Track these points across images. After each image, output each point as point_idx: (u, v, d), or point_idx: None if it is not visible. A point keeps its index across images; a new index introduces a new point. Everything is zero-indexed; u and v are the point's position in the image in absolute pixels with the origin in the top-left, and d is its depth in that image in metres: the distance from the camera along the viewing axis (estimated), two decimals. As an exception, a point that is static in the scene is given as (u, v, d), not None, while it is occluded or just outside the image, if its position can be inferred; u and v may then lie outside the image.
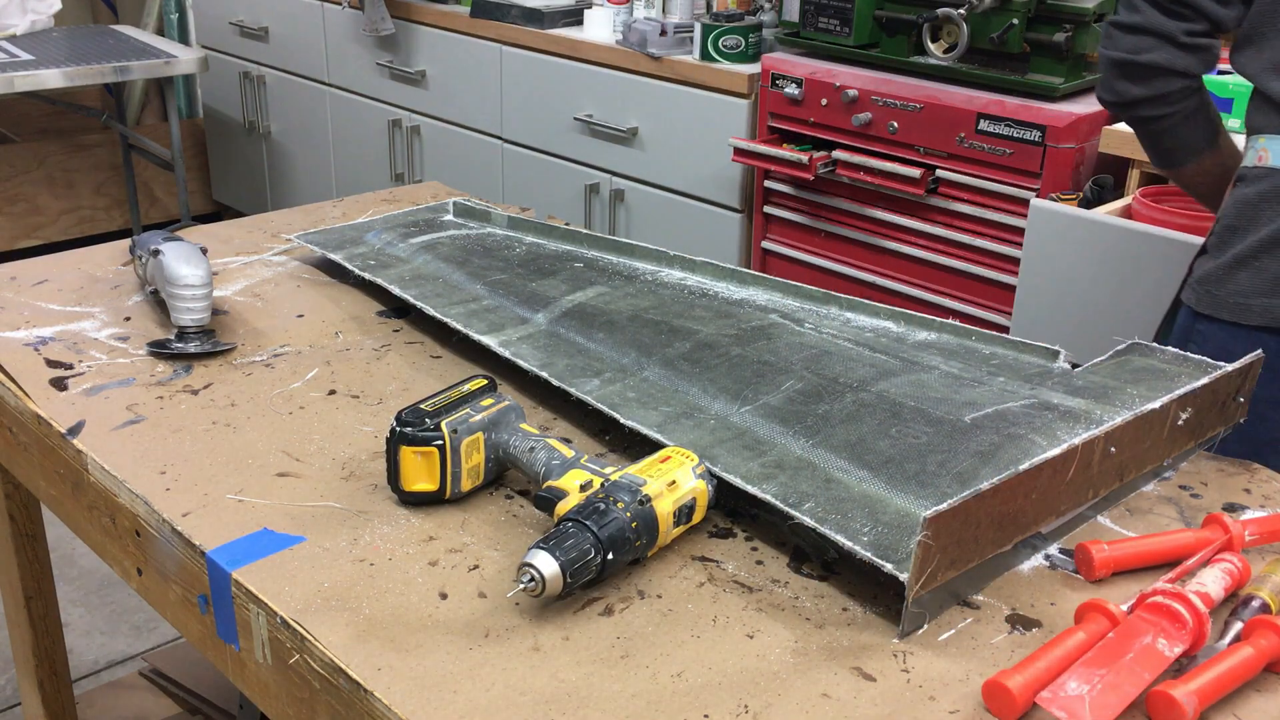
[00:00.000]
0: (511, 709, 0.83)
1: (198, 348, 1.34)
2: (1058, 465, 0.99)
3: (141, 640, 2.47)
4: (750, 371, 1.23)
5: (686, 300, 1.44)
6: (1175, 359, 1.26)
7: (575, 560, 0.91)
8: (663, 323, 1.35)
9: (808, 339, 1.32)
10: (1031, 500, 0.98)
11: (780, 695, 0.85)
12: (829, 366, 1.24)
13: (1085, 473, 1.03)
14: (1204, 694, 0.82)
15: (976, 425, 1.11)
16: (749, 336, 1.32)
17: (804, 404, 1.17)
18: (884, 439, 1.10)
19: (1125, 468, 1.08)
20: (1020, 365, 1.28)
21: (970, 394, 1.19)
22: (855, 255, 2.51)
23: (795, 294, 1.46)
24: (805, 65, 2.47)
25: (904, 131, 2.32)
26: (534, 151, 3.12)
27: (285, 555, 1.00)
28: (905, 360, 1.28)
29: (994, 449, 1.07)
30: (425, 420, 1.04)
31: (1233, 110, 2.03)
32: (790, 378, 1.22)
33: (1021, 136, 2.16)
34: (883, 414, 1.14)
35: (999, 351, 1.31)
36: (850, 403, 1.17)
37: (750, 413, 1.16)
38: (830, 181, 2.48)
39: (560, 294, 1.43)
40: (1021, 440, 1.08)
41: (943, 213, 2.33)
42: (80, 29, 3.99)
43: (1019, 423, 1.12)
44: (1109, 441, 1.03)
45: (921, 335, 1.36)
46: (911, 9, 2.36)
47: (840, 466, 1.07)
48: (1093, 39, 2.22)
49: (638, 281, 1.50)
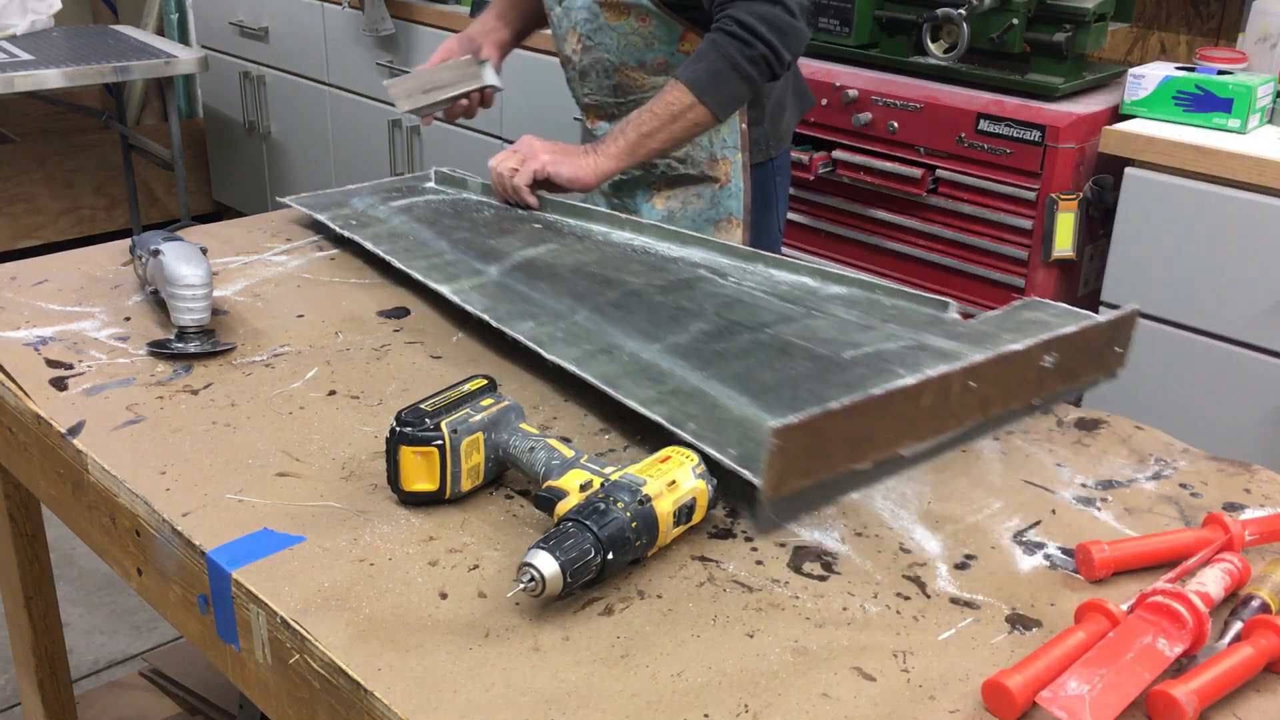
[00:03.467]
0: (511, 709, 0.83)
1: (198, 348, 1.34)
2: (911, 394, 1.09)
3: (141, 640, 2.47)
4: (666, 316, 1.37)
5: (627, 256, 1.58)
6: (1063, 313, 1.37)
7: (575, 560, 0.91)
8: (599, 275, 1.48)
9: (727, 290, 1.46)
10: (886, 424, 1.09)
11: (780, 695, 0.85)
12: (737, 312, 1.38)
13: (944, 403, 1.14)
14: (1204, 694, 0.82)
15: (853, 362, 1.24)
16: (673, 287, 1.45)
17: (705, 343, 1.30)
18: (768, 371, 1.23)
19: (989, 402, 1.19)
20: (914, 315, 1.40)
21: (857, 337, 1.31)
22: (855, 255, 2.51)
23: (728, 253, 1.60)
24: (805, 65, 2.47)
25: (904, 131, 2.32)
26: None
27: (285, 555, 1.00)
28: (809, 308, 1.41)
29: (861, 380, 1.18)
30: (425, 420, 1.04)
31: (1232, 110, 2.03)
32: (700, 321, 1.35)
33: (1021, 136, 2.16)
34: (772, 351, 1.28)
35: (899, 304, 1.44)
36: (747, 341, 1.30)
37: (659, 350, 1.29)
38: (830, 182, 2.48)
39: (514, 249, 1.57)
40: (889, 374, 1.19)
41: (943, 213, 2.33)
42: (80, 29, 3.99)
43: (892, 360, 1.24)
44: (966, 376, 1.14)
45: (833, 289, 1.49)
46: (911, 9, 2.36)
47: (726, 394, 1.19)
48: (1093, 39, 2.22)
49: (588, 240, 1.64)
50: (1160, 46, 2.59)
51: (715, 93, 1.64)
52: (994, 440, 1.22)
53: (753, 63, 1.62)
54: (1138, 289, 2.10)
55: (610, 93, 1.85)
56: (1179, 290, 2.05)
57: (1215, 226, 1.99)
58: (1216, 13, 2.49)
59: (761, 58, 1.62)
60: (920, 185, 2.31)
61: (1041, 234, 2.17)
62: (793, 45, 1.64)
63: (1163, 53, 2.58)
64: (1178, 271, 2.05)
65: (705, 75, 1.63)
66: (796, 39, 1.64)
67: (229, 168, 4.35)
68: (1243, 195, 1.96)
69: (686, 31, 1.75)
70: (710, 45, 1.64)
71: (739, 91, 1.66)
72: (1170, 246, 2.05)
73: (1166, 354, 2.09)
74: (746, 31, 1.61)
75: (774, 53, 1.62)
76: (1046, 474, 1.16)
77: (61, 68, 3.36)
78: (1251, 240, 1.95)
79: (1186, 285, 2.04)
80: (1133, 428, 1.26)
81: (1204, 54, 2.19)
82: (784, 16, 1.62)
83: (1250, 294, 1.97)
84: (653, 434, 1.15)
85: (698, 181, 1.85)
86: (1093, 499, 1.12)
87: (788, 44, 1.63)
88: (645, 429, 1.18)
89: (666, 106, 1.66)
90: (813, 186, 2.53)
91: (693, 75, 1.64)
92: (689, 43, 1.76)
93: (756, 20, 1.61)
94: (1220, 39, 2.49)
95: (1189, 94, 2.08)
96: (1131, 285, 2.11)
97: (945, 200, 2.31)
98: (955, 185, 2.29)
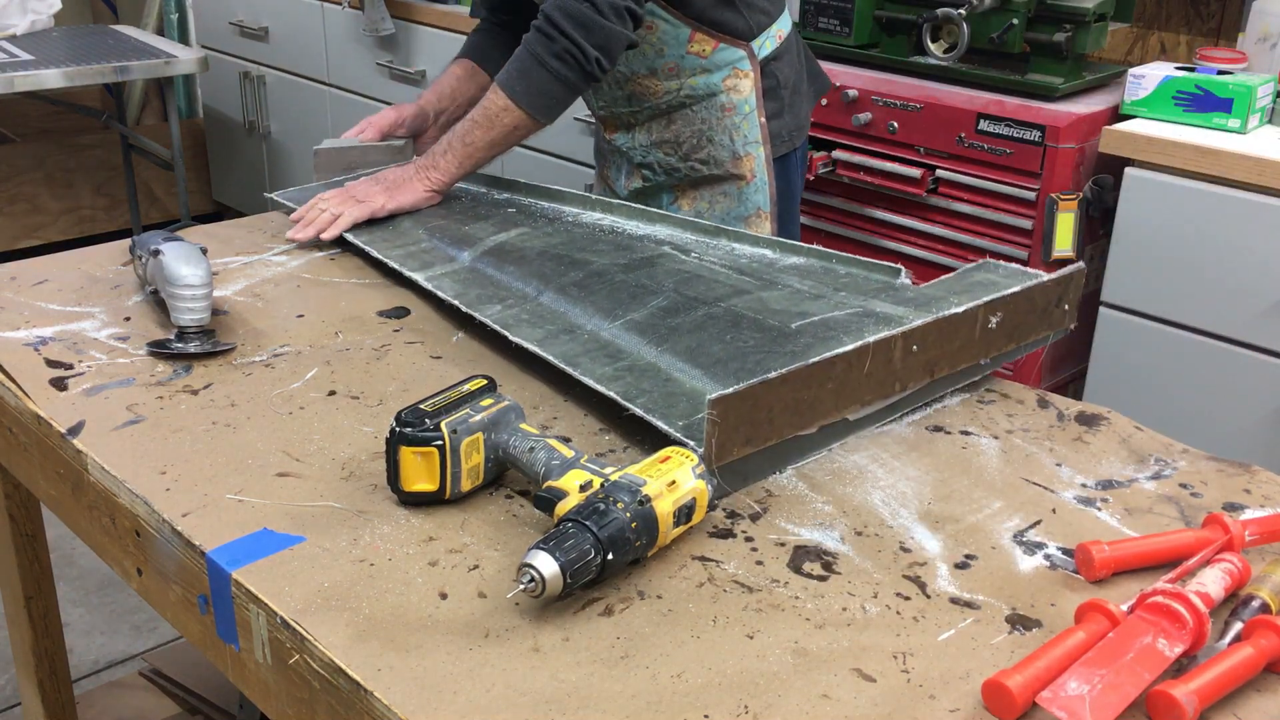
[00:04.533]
0: (511, 709, 0.83)
1: (198, 348, 1.34)
2: (851, 359, 1.13)
3: (141, 640, 2.47)
4: (626, 294, 1.40)
5: (595, 237, 1.62)
6: (1012, 273, 1.40)
7: (575, 560, 0.91)
8: (565, 256, 1.52)
9: (688, 266, 1.49)
10: (829, 390, 1.12)
11: (780, 695, 0.85)
12: (694, 287, 1.41)
13: (887, 367, 1.17)
14: (1204, 694, 0.82)
15: (800, 331, 1.27)
16: (635, 265, 1.49)
17: (661, 318, 1.34)
18: (718, 344, 1.26)
19: (935, 364, 1.22)
20: (866, 283, 1.43)
21: (807, 306, 1.34)
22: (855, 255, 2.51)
23: (692, 229, 1.64)
24: (805, 65, 2.47)
25: (904, 131, 2.32)
26: (535, 152, 3.12)
27: (285, 555, 1.00)
28: (764, 280, 1.44)
29: (806, 349, 1.21)
30: (425, 420, 1.04)
31: (1232, 110, 2.03)
32: (659, 297, 1.38)
33: (1021, 136, 2.16)
34: (724, 324, 1.31)
35: (853, 272, 1.47)
36: (700, 315, 1.33)
37: (618, 327, 1.33)
38: (830, 181, 2.48)
39: (487, 235, 1.61)
40: (834, 342, 1.22)
41: (943, 213, 2.33)
42: (80, 29, 3.99)
43: (837, 328, 1.27)
44: (909, 340, 1.17)
45: (790, 260, 1.53)
46: (911, 9, 2.36)
47: (679, 368, 1.23)
48: (1093, 39, 2.22)
49: (559, 223, 1.68)
50: (1160, 46, 2.59)
51: (527, 92, 1.62)
52: (994, 439, 1.22)
53: (558, 58, 1.60)
54: (1138, 289, 2.10)
55: (625, 103, 1.84)
56: (1179, 290, 2.05)
57: (1215, 226, 1.99)
58: (1216, 13, 2.49)
59: (566, 52, 1.59)
60: (920, 185, 2.31)
61: (1041, 234, 2.17)
62: (600, 43, 1.60)
63: (1163, 53, 2.58)
64: (1178, 271, 2.05)
65: (515, 74, 1.62)
66: (605, 37, 1.60)
67: (229, 168, 4.35)
68: (1243, 195, 1.96)
69: (694, 32, 1.75)
70: (522, 44, 1.63)
71: (551, 89, 1.62)
72: (1170, 246, 2.05)
73: (1166, 354, 2.09)
74: (550, 25, 1.59)
75: (579, 48, 1.59)
76: (1047, 474, 1.16)
77: (61, 68, 3.36)
78: (1251, 240, 1.95)
79: (1186, 285, 2.04)
80: (1133, 428, 1.26)
81: (1204, 54, 2.19)
82: (588, 13, 1.58)
83: (1250, 294, 1.97)
84: (653, 434, 1.15)
85: (723, 181, 1.84)
86: (1093, 499, 1.12)
87: (593, 40, 1.59)
88: (645, 429, 1.18)
89: (485, 112, 1.64)
90: (813, 186, 2.53)
91: (505, 76, 1.63)
92: (697, 43, 1.75)
93: (561, 15, 1.59)
94: (1220, 39, 2.49)
95: (1189, 94, 2.08)
96: (1131, 285, 2.11)
97: (945, 200, 2.31)
98: (955, 185, 2.29)
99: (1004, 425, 1.25)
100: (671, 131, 1.83)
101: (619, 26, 1.62)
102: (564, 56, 1.60)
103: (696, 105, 1.80)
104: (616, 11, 1.61)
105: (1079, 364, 2.28)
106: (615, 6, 1.61)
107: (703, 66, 1.78)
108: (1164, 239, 2.05)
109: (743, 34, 1.78)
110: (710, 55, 1.77)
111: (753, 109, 1.80)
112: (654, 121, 1.84)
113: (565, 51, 1.60)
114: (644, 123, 1.85)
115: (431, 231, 1.64)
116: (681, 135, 1.83)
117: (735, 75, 1.79)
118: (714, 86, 1.79)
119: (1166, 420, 2.06)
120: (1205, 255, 2.01)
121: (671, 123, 1.83)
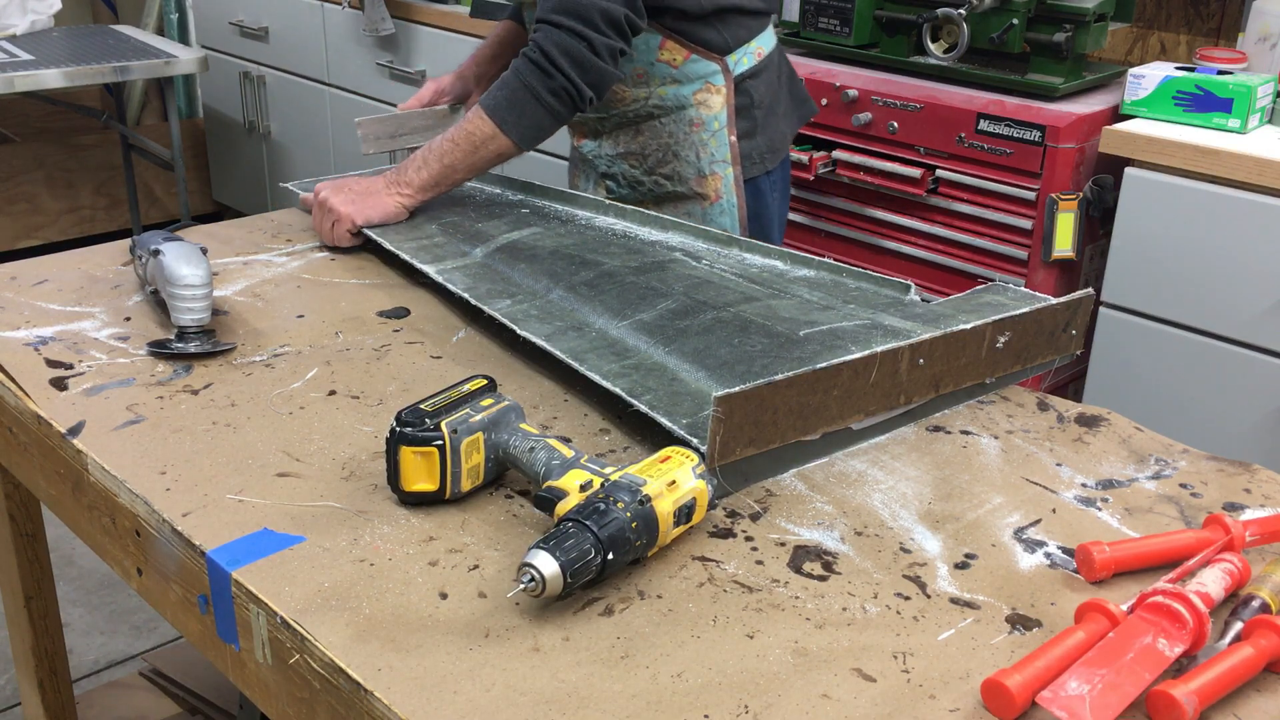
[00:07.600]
0: (511, 709, 0.83)
1: (198, 348, 1.34)
2: (858, 368, 1.13)
3: (141, 640, 2.47)
4: (636, 295, 1.41)
5: (607, 240, 1.62)
6: (1022, 296, 1.41)
7: (575, 560, 0.91)
8: (577, 256, 1.53)
9: (699, 272, 1.50)
10: (834, 397, 1.12)
11: (780, 695, 0.85)
12: (704, 292, 1.42)
13: (893, 379, 1.17)
14: (1204, 694, 0.82)
15: (807, 339, 1.28)
16: (647, 268, 1.50)
17: (670, 320, 1.34)
18: (725, 347, 1.27)
19: (940, 379, 1.22)
20: (876, 297, 1.44)
21: (816, 316, 1.35)
22: (855, 255, 2.51)
23: (705, 237, 1.64)
24: (805, 65, 2.47)
25: (904, 131, 2.32)
26: (535, 152, 3.12)
27: (285, 555, 1.00)
28: (774, 289, 1.44)
29: (813, 356, 1.22)
30: (425, 420, 1.04)
31: (1232, 110, 2.03)
32: (668, 300, 1.39)
33: (1021, 136, 2.16)
34: (733, 328, 1.31)
35: (863, 286, 1.48)
36: (709, 319, 1.34)
37: (626, 327, 1.34)
38: (830, 181, 2.48)
39: (500, 232, 1.63)
40: (840, 350, 1.23)
41: (943, 213, 2.33)
42: (80, 29, 3.99)
43: (845, 338, 1.28)
44: (916, 353, 1.17)
45: (801, 272, 1.53)
46: (911, 9, 2.36)
47: (685, 369, 1.24)
48: (1093, 39, 2.22)
49: (571, 225, 1.69)
50: (1160, 46, 2.59)
51: (517, 123, 1.63)
52: (994, 440, 1.22)
53: (554, 94, 1.61)
54: (1138, 289, 2.10)
55: (593, 109, 1.84)
56: (1179, 290, 2.05)
57: (1215, 226, 1.99)
58: (1216, 13, 2.49)
59: (563, 89, 1.61)
60: (920, 185, 2.31)
61: (1041, 234, 2.17)
62: (593, 81, 1.62)
63: (1163, 53, 2.58)
64: (1178, 271, 2.05)
65: (505, 104, 1.63)
66: (598, 76, 1.62)
67: (229, 168, 4.35)
68: (1243, 195, 1.96)
69: (664, 39, 1.74)
70: (513, 73, 1.63)
71: (541, 121, 1.64)
72: (1170, 246, 2.05)
73: (1166, 354, 2.09)
74: (548, 61, 1.60)
75: (574, 86, 1.61)
76: (1047, 474, 1.16)
77: (61, 68, 3.36)
78: (1251, 240, 1.95)
79: (1186, 285, 2.04)
80: (1133, 428, 1.26)
81: (1204, 54, 2.19)
82: (586, 54, 1.60)
83: (1250, 294, 1.97)
84: (653, 434, 1.15)
85: (686, 199, 1.83)
86: (1093, 499, 1.12)
87: (588, 79, 1.61)
88: (645, 429, 1.18)
89: (468, 136, 1.64)
90: (813, 186, 2.53)
91: (494, 103, 1.63)
92: (668, 50, 1.74)
93: (560, 53, 1.60)
94: (1220, 39, 2.49)
95: (1189, 94, 2.08)
96: (1131, 285, 2.11)
97: (945, 200, 2.31)
98: (955, 185, 2.29)
99: (1004, 426, 1.25)
100: (638, 143, 1.82)
101: (611, 68, 1.63)
102: (559, 94, 1.62)
103: (665, 118, 1.79)
104: (610, 52, 1.62)
105: (1079, 364, 2.28)
106: (610, 48, 1.62)
107: (673, 77, 1.76)
108: (1164, 239, 2.05)
109: (717, 48, 1.76)
110: (681, 66, 1.76)
111: (722, 126, 1.79)
112: (621, 131, 1.83)
113: (561, 89, 1.61)
114: (611, 131, 1.84)
115: (444, 227, 1.66)
116: (647, 148, 1.81)
117: (707, 90, 1.77)
118: (683, 99, 1.77)
119: (1166, 420, 2.06)
120: (1205, 255, 2.01)
121: (639, 134, 1.81)
